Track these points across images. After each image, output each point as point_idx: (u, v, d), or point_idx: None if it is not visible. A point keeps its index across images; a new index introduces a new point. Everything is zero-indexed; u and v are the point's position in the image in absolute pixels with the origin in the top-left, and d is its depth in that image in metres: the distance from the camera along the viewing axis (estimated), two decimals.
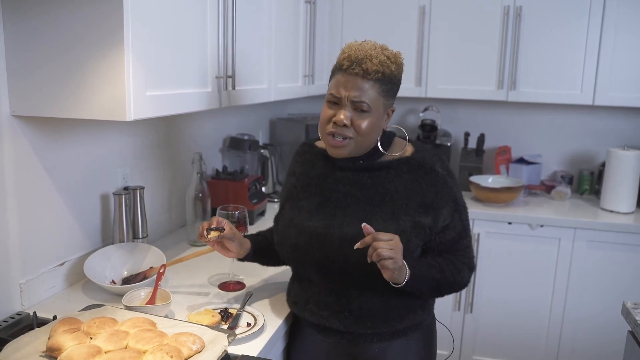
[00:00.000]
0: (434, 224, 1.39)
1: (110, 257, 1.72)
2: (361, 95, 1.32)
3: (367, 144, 1.39)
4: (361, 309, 1.41)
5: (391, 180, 1.40)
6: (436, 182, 1.39)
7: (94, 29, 1.27)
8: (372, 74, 1.32)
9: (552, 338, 2.80)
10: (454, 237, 1.43)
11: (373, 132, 1.37)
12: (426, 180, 1.39)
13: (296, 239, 1.44)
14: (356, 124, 1.35)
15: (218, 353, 1.18)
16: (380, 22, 3.04)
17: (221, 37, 1.69)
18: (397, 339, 1.45)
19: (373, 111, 1.35)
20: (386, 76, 1.34)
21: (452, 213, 1.41)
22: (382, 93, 1.35)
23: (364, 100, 1.33)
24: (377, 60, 1.32)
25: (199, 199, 2.11)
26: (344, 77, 1.34)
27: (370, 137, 1.38)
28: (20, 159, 1.48)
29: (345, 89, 1.33)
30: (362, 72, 1.32)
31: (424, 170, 1.40)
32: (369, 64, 1.32)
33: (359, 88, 1.32)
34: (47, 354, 1.17)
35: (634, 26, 2.73)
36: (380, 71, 1.32)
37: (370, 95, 1.33)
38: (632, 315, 1.59)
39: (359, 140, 1.37)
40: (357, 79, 1.32)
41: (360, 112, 1.34)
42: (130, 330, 1.24)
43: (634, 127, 3.15)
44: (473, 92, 2.99)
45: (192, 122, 2.38)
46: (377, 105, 1.35)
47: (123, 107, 1.28)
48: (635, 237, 2.63)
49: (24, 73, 1.37)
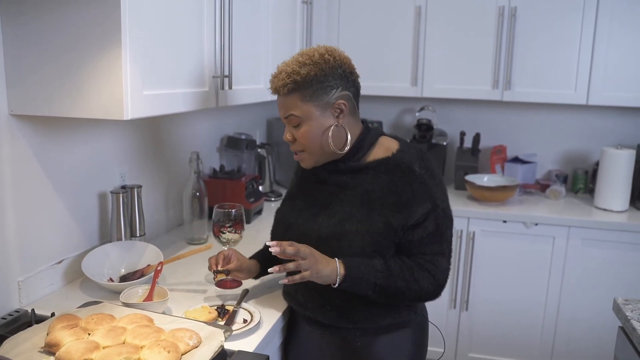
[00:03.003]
0: (405, 222, 1.37)
1: (108, 255, 1.74)
2: (286, 110, 1.39)
3: (324, 150, 1.41)
4: (342, 304, 1.43)
5: (370, 181, 1.41)
6: (412, 181, 1.38)
7: (92, 29, 1.29)
8: (281, 89, 1.37)
9: (547, 334, 2.83)
10: (422, 238, 1.39)
11: (317, 138, 1.39)
12: (403, 180, 1.39)
13: (282, 235, 1.50)
14: (298, 137, 1.40)
15: (214, 348, 1.20)
16: (377, 22, 3.06)
17: (218, 36, 1.71)
18: (382, 335, 1.47)
19: (305, 120, 1.38)
20: (299, 83, 1.35)
21: (426, 213, 1.38)
22: (305, 99, 1.36)
23: (289, 113, 1.38)
24: (284, 74, 1.36)
25: (197, 197, 2.13)
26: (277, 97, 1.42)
27: (318, 142, 1.40)
28: (18, 158, 1.49)
29: (279, 110, 1.42)
30: (275, 91, 1.39)
31: (401, 170, 1.39)
32: (276, 82, 1.37)
33: (282, 105, 1.40)
34: (45, 349, 1.19)
35: (627, 27, 2.76)
36: (287, 83, 1.35)
37: (293, 106, 1.37)
38: (623, 311, 1.61)
39: (310, 151, 1.42)
40: (278, 98, 1.41)
41: (295, 126, 1.40)
42: (128, 326, 1.26)
43: (627, 126, 3.17)
44: (469, 91, 3.02)
45: (189, 121, 2.40)
46: (307, 112, 1.37)
47: (121, 106, 1.30)
48: (628, 235, 2.66)
49: (22, 72, 1.39)
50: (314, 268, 1.32)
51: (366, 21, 3.07)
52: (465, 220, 2.83)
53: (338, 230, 1.40)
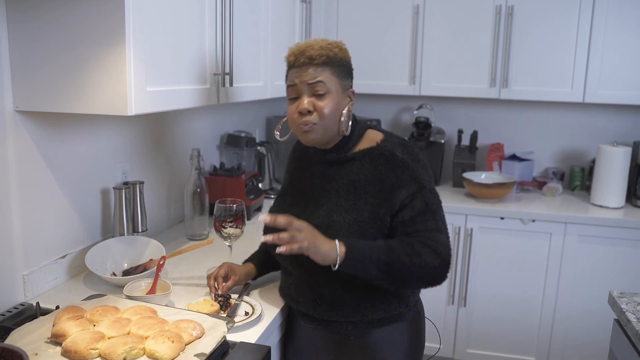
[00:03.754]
0: (391, 207, 1.39)
1: (111, 250, 1.76)
2: (314, 77, 1.39)
3: (333, 128, 1.43)
4: (332, 298, 1.44)
5: (356, 171, 1.45)
6: (396, 166, 1.41)
7: (97, 27, 1.31)
8: (317, 58, 1.39)
9: (545, 329, 2.86)
10: (413, 217, 1.39)
11: (335, 114, 1.42)
12: (386, 167, 1.42)
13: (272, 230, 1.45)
14: (318, 108, 1.40)
15: (217, 339, 1.22)
16: (375, 21, 3.09)
17: (219, 34, 1.74)
18: (374, 329, 1.47)
19: (331, 92, 1.40)
20: (331, 58, 1.40)
21: (412, 194, 1.39)
22: (334, 74, 1.41)
23: (319, 79, 1.39)
24: (318, 46, 1.40)
25: (197, 194, 2.15)
26: (295, 70, 1.42)
27: (334, 119, 1.42)
28: (23, 154, 1.52)
29: (298, 77, 1.41)
30: (308, 59, 1.39)
31: (384, 157, 1.43)
32: (312, 51, 1.39)
33: (310, 73, 1.40)
34: (52, 339, 1.21)
35: (623, 25, 2.79)
36: (323, 54, 1.39)
37: (323, 75, 1.40)
38: (618, 303, 1.64)
39: (323, 125, 1.41)
40: (306, 67, 1.40)
41: (319, 95, 1.40)
42: (132, 317, 1.29)
43: (623, 123, 3.21)
44: (466, 90, 3.05)
45: (190, 119, 2.42)
46: (333, 85, 1.41)
47: (125, 102, 1.32)
48: (624, 231, 2.69)
49: (28, 69, 1.41)
50: (312, 241, 1.29)
51: (364, 20, 3.10)
52: (463, 217, 2.85)
53: (325, 221, 1.41)
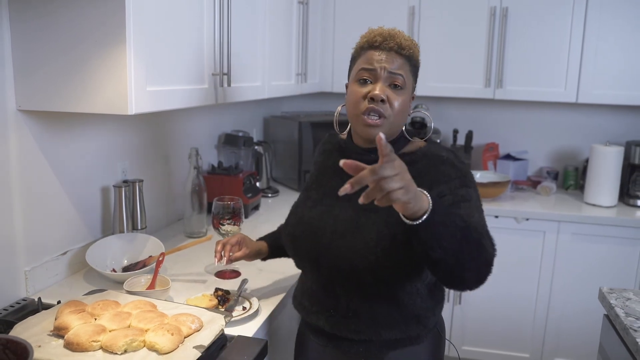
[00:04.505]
0: None
1: (111, 247, 1.79)
2: (398, 67, 1.28)
3: (397, 127, 1.33)
4: (347, 309, 1.34)
5: None
6: (439, 164, 1.30)
7: (98, 28, 1.34)
8: (406, 49, 1.29)
9: (539, 326, 2.90)
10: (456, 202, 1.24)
11: (404, 112, 1.32)
12: (427, 165, 1.30)
13: (294, 227, 1.43)
14: (391, 101, 1.28)
15: (215, 331, 1.26)
16: (371, 22, 3.06)
17: (217, 35, 1.77)
18: (388, 351, 1.34)
19: (406, 89, 1.30)
20: (413, 56, 1.32)
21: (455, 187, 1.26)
22: (411, 72, 1.32)
23: (401, 73, 1.28)
24: (407, 38, 1.32)
25: (196, 192, 2.18)
26: (377, 52, 1.29)
27: (401, 118, 1.32)
28: (25, 152, 1.55)
29: (380, 61, 1.28)
30: (397, 46, 1.28)
31: (427, 157, 1.32)
32: (402, 40, 1.29)
33: (394, 61, 1.28)
34: (54, 332, 1.24)
35: (615, 26, 2.83)
36: (411, 48, 1.31)
37: (404, 69, 1.29)
38: (607, 299, 1.68)
39: (391, 121, 1.29)
40: (392, 53, 1.28)
41: (395, 87, 1.28)
42: (133, 311, 1.32)
43: (616, 123, 3.25)
44: (461, 90, 3.08)
45: (188, 118, 2.46)
46: (409, 83, 1.31)
47: (125, 101, 1.36)
48: (616, 230, 2.73)
49: (30, 69, 1.44)
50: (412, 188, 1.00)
51: (361, 21, 3.13)
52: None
53: (354, 223, 1.31)
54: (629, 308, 1.61)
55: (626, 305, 1.63)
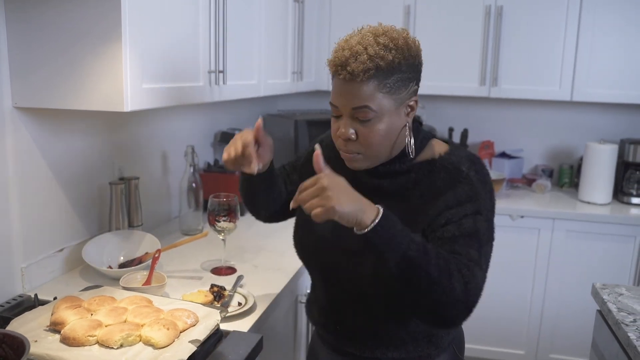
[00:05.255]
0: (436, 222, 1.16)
1: (107, 244, 1.80)
2: (358, 101, 1.12)
3: (384, 152, 1.19)
4: (353, 328, 1.29)
5: (411, 186, 1.21)
6: (457, 182, 1.16)
7: (94, 25, 1.35)
8: (361, 74, 1.10)
9: (534, 323, 2.92)
10: (455, 237, 1.13)
11: (386, 138, 1.16)
12: (446, 182, 1.17)
13: (305, 236, 1.36)
14: (361, 135, 1.15)
15: (211, 326, 1.26)
16: (367, 21, 3.07)
17: (212, 33, 1.78)
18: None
19: (380, 115, 1.13)
20: (382, 69, 1.11)
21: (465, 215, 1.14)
22: (385, 89, 1.12)
23: (363, 104, 1.12)
24: (366, 56, 1.10)
25: (192, 190, 2.19)
26: (337, 82, 1.16)
27: (385, 144, 1.17)
28: (21, 150, 1.55)
29: (340, 97, 1.15)
30: (350, 75, 1.11)
31: (446, 171, 1.19)
32: (354, 65, 1.10)
33: (353, 94, 1.12)
34: (51, 327, 1.25)
35: (610, 24, 2.85)
36: (370, 68, 1.10)
37: (370, 97, 1.11)
38: (600, 294, 1.69)
39: (371, 153, 1.17)
40: (349, 84, 1.12)
41: (363, 121, 1.14)
42: (129, 306, 1.32)
43: (610, 122, 3.27)
44: (457, 88, 3.10)
45: (185, 116, 2.46)
46: (383, 106, 1.13)
47: (121, 98, 1.37)
48: (610, 227, 2.75)
49: (26, 66, 1.45)
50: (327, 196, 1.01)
51: (356, 19, 3.11)
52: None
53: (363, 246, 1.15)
54: (621, 303, 1.62)
55: (618, 300, 1.64)
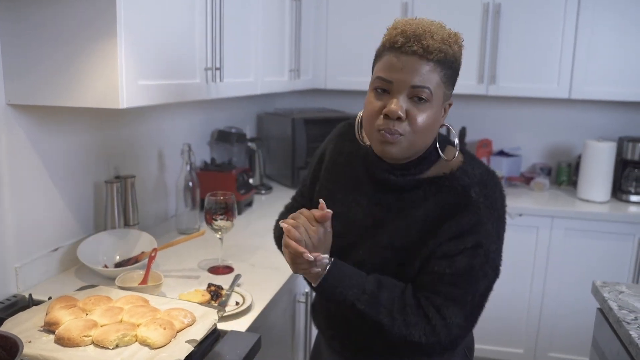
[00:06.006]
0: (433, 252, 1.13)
1: (103, 243, 1.78)
2: (422, 79, 1.06)
3: (420, 146, 1.13)
4: (361, 344, 1.25)
5: (417, 205, 1.16)
6: (463, 209, 1.11)
7: (89, 21, 1.33)
8: (435, 52, 1.05)
9: (532, 321, 2.90)
10: (443, 274, 1.11)
11: (430, 129, 1.11)
12: (453, 206, 1.12)
13: None
14: (412, 117, 1.08)
15: (208, 326, 1.25)
16: (364, 19, 3.12)
17: (209, 29, 1.76)
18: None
19: (433, 101, 1.08)
20: (449, 58, 1.08)
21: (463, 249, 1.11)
22: (444, 79, 1.09)
23: (425, 85, 1.06)
24: (439, 37, 1.07)
25: (189, 188, 2.17)
26: (397, 57, 1.07)
27: (427, 135, 1.11)
28: (15, 147, 1.53)
29: (400, 71, 1.07)
30: (423, 50, 1.05)
31: (455, 194, 1.12)
32: (430, 41, 1.05)
33: (418, 71, 1.06)
34: (45, 328, 1.23)
35: (608, 22, 2.84)
36: (443, 50, 1.06)
37: (432, 80, 1.07)
38: (601, 292, 1.68)
39: (411, 139, 1.10)
40: (415, 59, 1.06)
41: (418, 101, 1.07)
42: (125, 306, 1.31)
43: (608, 119, 3.26)
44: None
45: (181, 114, 2.44)
46: (438, 94, 1.09)
47: (116, 95, 1.35)
48: (609, 225, 2.74)
49: (20, 63, 1.42)
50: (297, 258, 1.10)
51: (354, 18, 3.13)
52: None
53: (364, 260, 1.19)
54: (621, 301, 1.61)
55: (619, 298, 1.63)
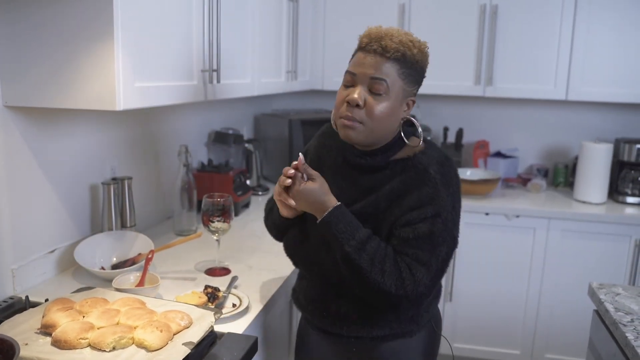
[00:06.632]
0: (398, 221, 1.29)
1: (100, 245, 1.78)
2: (380, 73, 1.25)
3: (379, 133, 1.30)
4: (338, 313, 1.38)
5: (385, 181, 1.32)
6: (423, 184, 1.28)
7: (86, 23, 1.33)
8: (391, 52, 1.24)
9: (529, 322, 2.91)
10: (408, 238, 1.26)
11: (387, 119, 1.28)
12: (414, 181, 1.29)
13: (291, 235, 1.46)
14: (369, 106, 1.26)
15: (205, 328, 1.25)
16: (361, 20, 3.11)
17: (206, 31, 1.76)
18: (379, 344, 1.39)
19: (390, 94, 1.26)
20: (407, 58, 1.26)
21: (424, 218, 1.26)
22: (402, 76, 1.27)
23: (381, 77, 1.25)
24: (398, 40, 1.26)
25: (186, 190, 2.17)
26: (362, 54, 1.28)
27: (384, 124, 1.28)
28: (11, 149, 1.53)
29: (362, 66, 1.27)
30: (381, 49, 1.25)
31: (416, 171, 1.29)
32: (388, 42, 1.25)
33: (377, 65, 1.25)
34: (42, 330, 1.23)
35: (604, 23, 2.84)
36: (400, 50, 1.25)
37: (389, 74, 1.25)
38: (597, 294, 1.68)
39: (370, 127, 1.27)
40: (376, 56, 1.25)
41: (376, 94, 1.26)
42: (121, 308, 1.30)
43: (605, 121, 3.27)
44: (452, 87, 3.09)
45: (178, 116, 2.44)
46: (396, 88, 1.26)
47: (113, 97, 1.35)
48: (605, 226, 2.74)
49: (17, 65, 1.42)
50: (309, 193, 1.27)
51: (351, 19, 3.13)
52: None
53: None
54: (618, 303, 1.61)
55: (615, 300, 1.63)
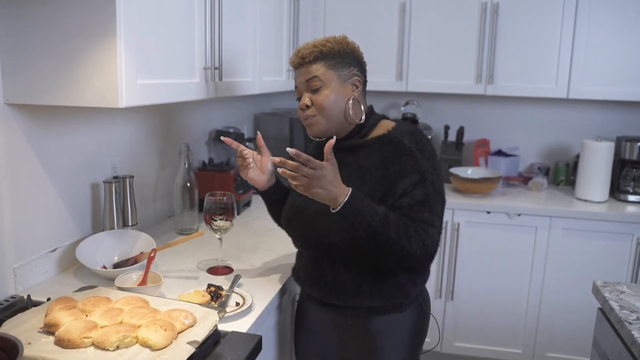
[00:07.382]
0: (393, 194, 1.41)
1: (102, 244, 1.77)
2: (308, 74, 1.47)
3: (335, 116, 1.48)
4: (334, 282, 1.51)
5: (365, 157, 1.48)
6: (401, 154, 1.43)
7: (88, 20, 1.32)
8: (308, 56, 1.46)
9: (531, 321, 2.90)
10: (410, 206, 1.40)
11: (334, 102, 1.47)
12: (392, 154, 1.44)
13: (286, 210, 1.62)
14: (315, 100, 1.47)
15: (209, 327, 1.24)
16: (362, 18, 3.11)
17: (208, 29, 1.74)
18: (373, 317, 1.51)
19: (326, 83, 1.46)
20: (325, 53, 1.46)
21: (414, 183, 1.40)
22: (329, 67, 1.46)
23: (313, 76, 1.46)
24: (311, 45, 1.47)
25: (187, 188, 2.16)
26: (295, 73, 1.52)
27: (335, 107, 1.47)
28: (13, 147, 1.52)
29: (297, 79, 1.51)
30: (301, 59, 1.48)
31: (392, 144, 1.46)
32: (304, 51, 1.47)
33: (305, 72, 1.48)
34: (45, 329, 1.22)
35: (606, 22, 2.84)
36: (315, 52, 1.46)
37: (318, 71, 1.46)
38: (602, 292, 1.68)
39: (324, 115, 1.47)
40: (302, 67, 1.49)
41: (315, 91, 1.47)
42: (125, 307, 1.29)
43: (606, 119, 3.26)
44: (452, 86, 3.08)
45: (179, 114, 2.43)
46: (329, 77, 1.46)
47: (115, 94, 1.33)
48: (607, 225, 2.74)
49: (19, 62, 1.41)
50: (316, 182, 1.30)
51: (352, 17, 3.12)
52: (450, 211, 2.89)
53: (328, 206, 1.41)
54: (623, 301, 1.61)
55: (620, 298, 1.63)
